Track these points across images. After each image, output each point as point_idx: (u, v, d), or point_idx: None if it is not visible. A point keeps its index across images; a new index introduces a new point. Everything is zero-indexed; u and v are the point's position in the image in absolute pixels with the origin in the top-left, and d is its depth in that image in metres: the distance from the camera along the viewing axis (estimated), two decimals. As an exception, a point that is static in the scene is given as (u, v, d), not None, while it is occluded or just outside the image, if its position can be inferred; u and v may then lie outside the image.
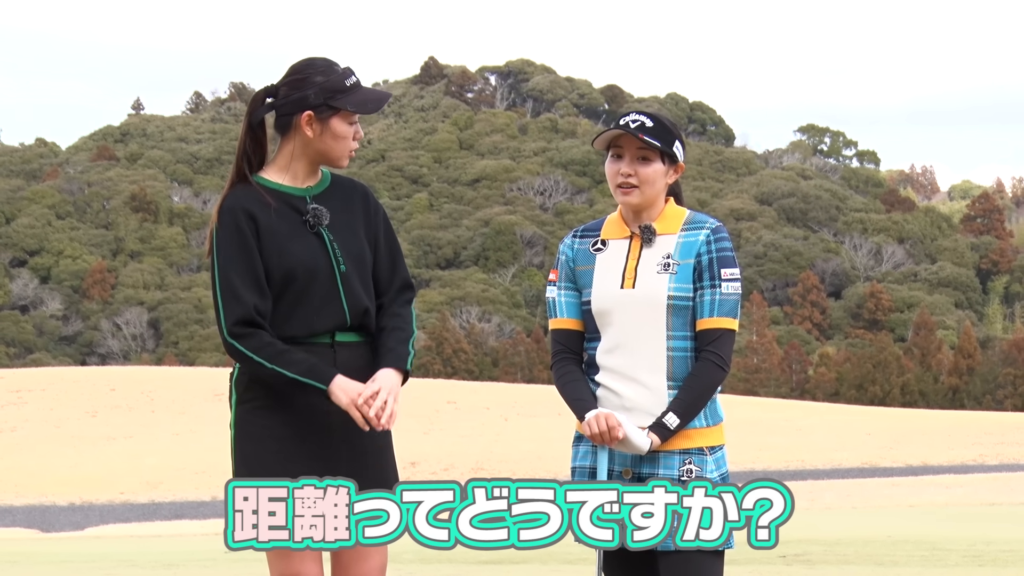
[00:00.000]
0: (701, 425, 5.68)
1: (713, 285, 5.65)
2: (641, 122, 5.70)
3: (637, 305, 5.66)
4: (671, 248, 5.69)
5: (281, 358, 5.51)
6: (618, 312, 5.68)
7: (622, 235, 5.78)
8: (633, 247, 5.74)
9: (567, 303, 5.82)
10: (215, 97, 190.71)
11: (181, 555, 21.92)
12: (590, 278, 5.75)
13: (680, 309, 5.66)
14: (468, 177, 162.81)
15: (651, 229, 5.72)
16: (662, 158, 5.71)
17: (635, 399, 5.66)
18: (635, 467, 5.67)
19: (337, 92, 5.62)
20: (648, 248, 5.72)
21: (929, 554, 18.08)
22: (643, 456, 5.64)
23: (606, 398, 5.69)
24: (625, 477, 5.67)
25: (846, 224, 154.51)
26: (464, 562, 17.98)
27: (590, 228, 5.88)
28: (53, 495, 61.88)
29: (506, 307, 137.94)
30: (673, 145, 5.72)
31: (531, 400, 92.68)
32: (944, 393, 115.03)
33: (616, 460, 5.68)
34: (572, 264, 5.81)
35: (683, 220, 5.75)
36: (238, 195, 5.62)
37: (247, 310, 5.52)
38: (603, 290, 5.71)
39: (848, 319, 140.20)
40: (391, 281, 5.77)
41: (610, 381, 5.69)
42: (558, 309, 5.83)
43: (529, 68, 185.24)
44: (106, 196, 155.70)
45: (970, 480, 55.50)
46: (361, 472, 5.52)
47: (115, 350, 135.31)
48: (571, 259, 5.83)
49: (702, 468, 5.65)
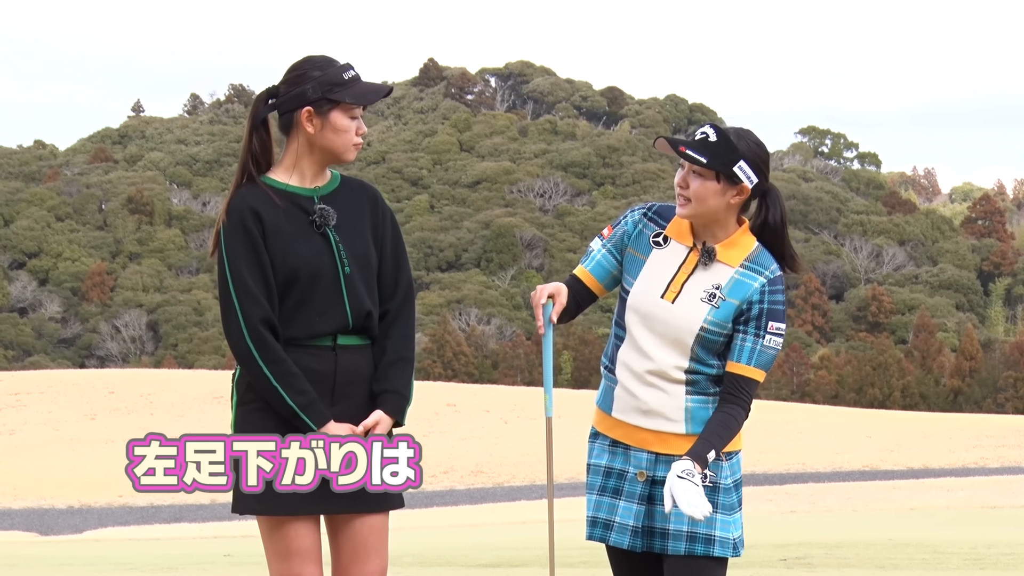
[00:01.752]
0: None
1: (757, 335, 5.58)
2: (705, 136, 5.55)
3: (669, 320, 5.58)
4: (723, 280, 5.59)
5: (287, 380, 5.47)
6: (650, 319, 5.61)
7: (685, 241, 5.66)
8: (689, 260, 5.62)
9: (600, 263, 5.73)
10: (214, 99, 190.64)
11: (179, 558, 21.86)
12: (638, 270, 5.66)
13: (709, 341, 5.59)
14: (468, 179, 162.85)
15: (712, 253, 5.60)
16: (717, 177, 5.54)
17: (653, 403, 5.60)
18: (650, 470, 5.63)
19: (335, 85, 5.58)
20: (703, 269, 5.60)
21: (930, 557, 18.03)
22: (658, 459, 5.62)
23: (623, 398, 5.64)
24: (640, 480, 5.63)
25: (847, 226, 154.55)
26: (464, 565, 17.92)
27: (662, 215, 5.73)
28: (52, 498, 61.84)
29: (506, 309, 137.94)
30: (733, 165, 5.52)
31: (531, 403, 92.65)
32: (945, 396, 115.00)
33: (631, 462, 5.65)
34: (629, 241, 5.70)
35: (746, 255, 5.61)
36: (245, 195, 5.58)
37: (266, 311, 5.49)
38: (643, 292, 5.62)
39: (849, 321, 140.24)
40: (395, 287, 5.72)
41: (630, 382, 5.63)
42: (589, 260, 5.76)
43: (529, 70, 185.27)
44: (105, 198, 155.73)
45: (971, 483, 55.50)
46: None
47: (114, 353, 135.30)
48: (630, 235, 5.71)
49: (717, 474, 5.60)
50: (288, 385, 5.45)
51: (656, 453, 5.62)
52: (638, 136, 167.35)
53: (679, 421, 5.60)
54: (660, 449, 5.62)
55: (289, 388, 5.45)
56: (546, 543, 23.31)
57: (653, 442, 5.62)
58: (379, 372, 5.62)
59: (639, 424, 5.62)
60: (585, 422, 6.06)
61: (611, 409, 5.68)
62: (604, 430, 5.71)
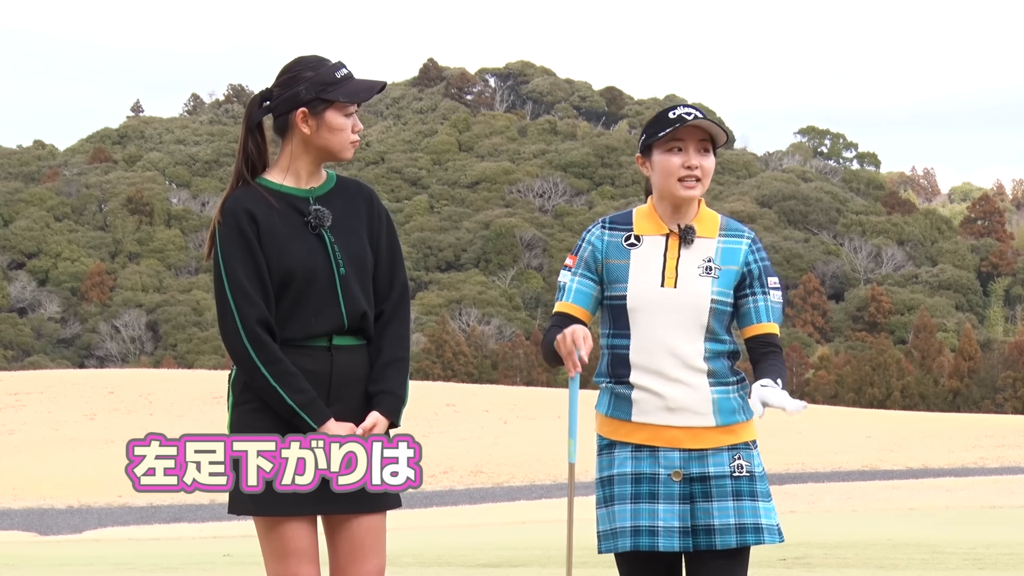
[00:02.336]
0: (744, 419, 5.67)
1: (764, 292, 5.70)
2: (693, 115, 5.70)
3: (678, 305, 5.60)
4: (711, 252, 5.66)
5: (285, 380, 5.47)
6: (656, 311, 5.61)
7: (658, 232, 5.69)
8: (671, 245, 5.66)
9: (579, 291, 5.72)
10: (213, 99, 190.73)
11: (179, 558, 21.86)
12: (624, 273, 5.65)
13: (720, 313, 5.64)
14: (468, 179, 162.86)
15: (692, 230, 5.67)
16: (714, 151, 5.74)
17: (680, 399, 5.59)
18: (684, 467, 5.61)
19: (328, 85, 5.57)
20: (686, 249, 5.65)
21: (929, 557, 18.02)
22: (690, 455, 5.60)
23: (645, 400, 5.60)
24: (675, 479, 5.60)
25: (846, 226, 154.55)
26: (464, 565, 17.91)
27: (619, 220, 5.77)
28: (51, 498, 61.83)
29: (505, 309, 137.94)
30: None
31: (530, 403, 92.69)
32: (944, 396, 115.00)
33: (661, 463, 5.61)
34: (601, 256, 5.70)
35: (719, 225, 5.73)
36: (239, 196, 5.57)
37: (262, 311, 5.48)
38: (642, 288, 5.62)
39: (848, 321, 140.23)
40: (390, 288, 5.70)
41: (649, 382, 5.60)
42: (567, 293, 5.74)
43: (529, 70, 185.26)
44: (104, 198, 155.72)
45: (970, 483, 55.49)
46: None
47: (113, 353, 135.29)
48: (600, 251, 5.71)
49: (750, 462, 5.65)
50: (287, 384, 5.45)
51: (688, 450, 5.60)
52: (637, 136, 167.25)
53: (707, 414, 5.59)
54: (691, 445, 5.59)
55: (288, 387, 5.45)
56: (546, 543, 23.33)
57: (684, 439, 5.59)
58: (375, 373, 5.62)
59: (667, 423, 5.58)
60: (584, 423, 6.02)
61: (630, 415, 5.62)
62: (623, 437, 5.64)
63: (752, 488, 5.61)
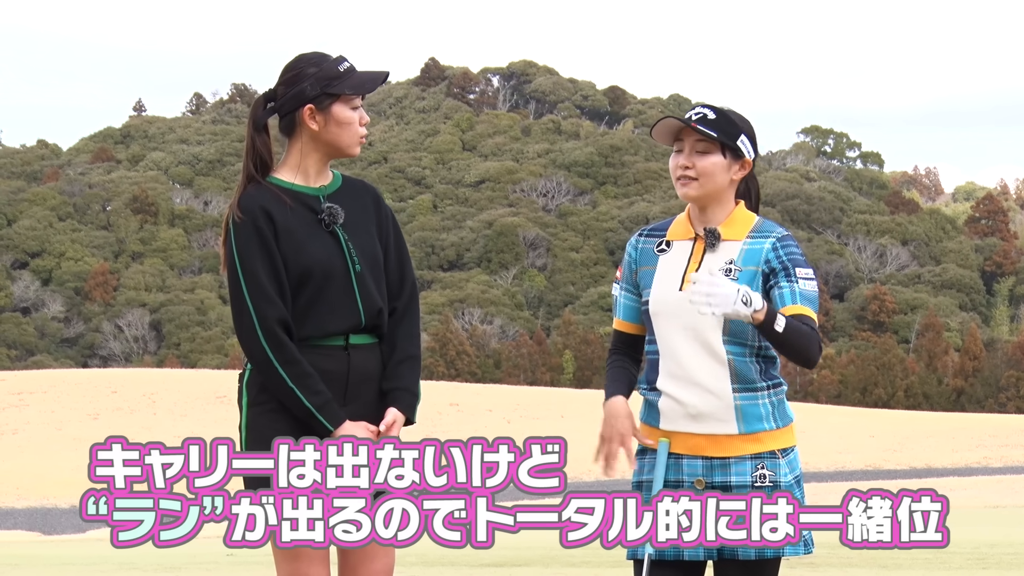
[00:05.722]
0: (771, 427, 5.53)
1: (790, 280, 5.46)
2: (703, 114, 5.56)
3: (694, 309, 5.44)
4: (734, 254, 5.52)
5: (303, 381, 5.45)
6: (675, 315, 5.52)
7: (686, 236, 5.61)
8: (696, 249, 5.57)
9: (625, 305, 5.68)
10: (216, 99, 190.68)
11: (183, 558, 21.85)
12: (651, 279, 5.59)
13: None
14: (471, 179, 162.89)
15: (715, 233, 5.54)
16: (723, 151, 5.55)
17: (701, 407, 5.49)
18: (707, 476, 5.51)
19: (332, 79, 5.57)
20: (711, 253, 5.54)
21: (932, 557, 18.01)
22: (712, 464, 5.50)
23: (670, 407, 5.53)
24: (699, 488, 5.49)
25: (850, 226, 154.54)
26: (467, 565, 17.90)
27: (657, 228, 5.71)
28: (55, 497, 61.88)
29: (508, 309, 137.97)
30: (737, 139, 5.56)
31: (534, 402, 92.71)
32: (948, 395, 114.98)
33: (685, 471, 5.53)
34: (635, 265, 5.65)
35: (751, 227, 5.57)
36: (254, 195, 5.55)
37: (280, 311, 5.46)
38: (661, 292, 5.55)
39: (852, 321, 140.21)
40: (401, 285, 5.70)
41: (672, 388, 5.52)
42: (617, 309, 5.71)
43: (532, 69, 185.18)
44: (107, 198, 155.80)
45: (974, 483, 55.46)
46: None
47: (116, 352, 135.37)
48: (634, 259, 5.66)
49: (776, 472, 5.51)
50: (304, 386, 5.44)
51: (711, 458, 5.51)
52: (641, 136, 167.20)
53: (730, 421, 5.49)
54: (714, 453, 5.50)
55: (305, 389, 5.43)
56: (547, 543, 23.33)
57: (706, 447, 5.51)
58: (389, 370, 5.62)
59: (690, 430, 5.51)
60: (588, 422, 6.02)
61: (659, 422, 5.56)
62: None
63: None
